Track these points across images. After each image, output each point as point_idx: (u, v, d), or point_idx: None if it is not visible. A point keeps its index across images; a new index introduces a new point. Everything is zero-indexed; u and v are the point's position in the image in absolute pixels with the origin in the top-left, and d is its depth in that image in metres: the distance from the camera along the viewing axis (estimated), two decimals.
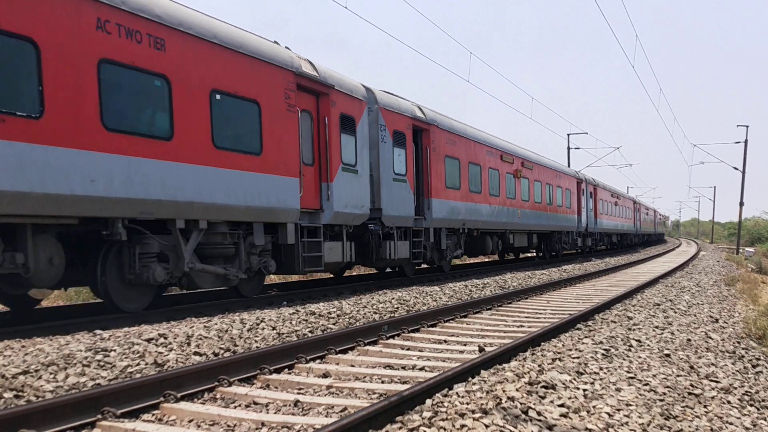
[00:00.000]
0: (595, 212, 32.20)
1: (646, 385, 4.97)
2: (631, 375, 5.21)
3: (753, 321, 8.83)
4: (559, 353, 5.82)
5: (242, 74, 9.37)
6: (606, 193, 35.46)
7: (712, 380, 5.50)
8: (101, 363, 5.29)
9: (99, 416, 4.08)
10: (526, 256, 28.01)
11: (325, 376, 5.44)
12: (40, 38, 6.81)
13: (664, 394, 4.80)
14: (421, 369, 5.70)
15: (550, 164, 25.07)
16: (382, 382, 5.23)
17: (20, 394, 4.54)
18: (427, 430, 3.57)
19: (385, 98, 13.37)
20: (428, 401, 4.15)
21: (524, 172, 21.39)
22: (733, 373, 5.93)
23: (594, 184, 32.39)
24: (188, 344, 6.16)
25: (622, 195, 42.39)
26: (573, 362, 5.39)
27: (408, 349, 6.61)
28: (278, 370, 5.51)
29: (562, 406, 4.16)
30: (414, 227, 14.43)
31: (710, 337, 7.54)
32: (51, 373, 4.94)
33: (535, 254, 26.47)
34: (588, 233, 30.88)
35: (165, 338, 6.25)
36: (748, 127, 41.84)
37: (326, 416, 4.25)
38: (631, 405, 4.40)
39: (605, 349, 6.03)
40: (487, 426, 3.60)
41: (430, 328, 7.91)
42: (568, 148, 42.87)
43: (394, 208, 13.43)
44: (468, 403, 4.01)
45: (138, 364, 5.42)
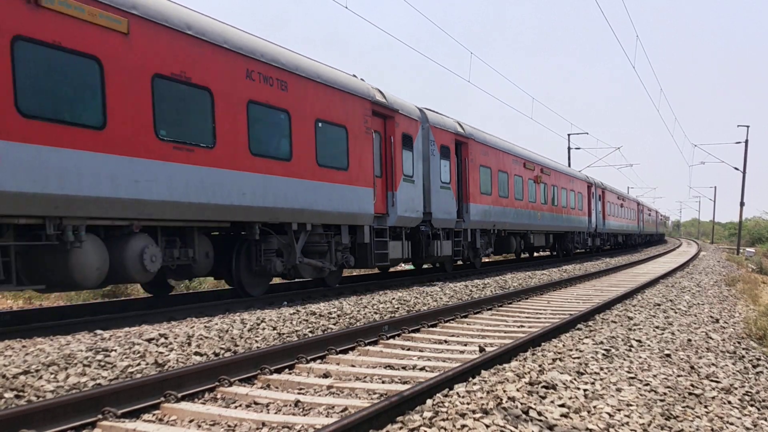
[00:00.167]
0: (603, 214, 33.90)
1: (646, 385, 4.97)
2: (632, 375, 5.21)
3: (753, 321, 8.82)
4: (559, 353, 5.82)
5: (335, 105, 11.48)
6: (613, 195, 37.27)
7: (712, 380, 5.50)
8: (102, 363, 5.30)
9: (100, 416, 4.09)
10: (539, 254, 29.29)
11: (326, 376, 5.44)
12: (214, 88, 8.94)
13: (665, 394, 4.80)
14: (422, 369, 5.70)
15: (564, 170, 27.18)
16: (383, 382, 5.23)
17: (21, 394, 4.54)
18: (428, 430, 3.57)
19: (433, 117, 15.40)
20: (429, 401, 4.14)
21: (543, 177, 23.36)
22: (733, 373, 5.93)
23: (602, 187, 34.19)
24: (189, 344, 6.16)
25: (627, 197, 44.07)
26: (573, 362, 5.39)
27: (408, 349, 6.61)
28: (279, 370, 5.51)
29: (562, 406, 4.16)
30: (455, 228, 16.27)
31: (711, 338, 7.54)
32: (52, 373, 4.95)
33: (549, 253, 28.12)
34: (597, 233, 32.51)
35: (166, 338, 6.25)
36: (748, 127, 41.87)
37: (327, 416, 4.25)
38: (631, 405, 4.40)
39: (606, 350, 6.03)
40: (487, 426, 3.60)
41: (431, 328, 7.91)
42: (569, 148, 42.89)
43: (441, 212, 15.35)
44: (469, 403, 4.01)
45: (139, 364, 5.42)
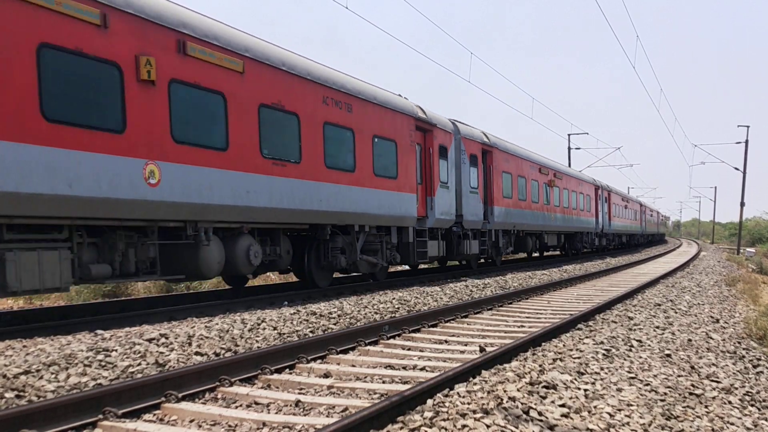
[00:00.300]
0: (609, 215, 35.64)
1: (647, 385, 4.97)
2: (632, 375, 5.21)
3: (754, 321, 8.82)
4: (560, 353, 5.82)
5: (387, 122, 13.26)
6: (618, 197, 39.27)
7: (713, 380, 5.50)
8: (102, 363, 5.30)
9: (100, 416, 4.09)
10: (549, 254, 30.62)
11: (326, 376, 5.44)
12: (301, 113, 10.69)
13: (665, 394, 4.81)
14: (422, 369, 5.70)
15: (574, 174, 29.03)
16: (383, 382, 5.23)
17: (22, 394, 4.55)
18: (429, 430, 3.57)
19: (464, 129, 17.05)
20: (429, 401, 4.15)
21: (556, 181, 25.09)
22: (733, 373, 5.94)
23: (608, 189, 35.99)
24: (189, 344, 6.16)
25: (630, 199, 45.92)
26: (574, 362, 5.40)
27: (409, 349, 6.61)
28: (279, 370, 5.51)
29: (563, 406, 4.16)
30: (481, 229, 18.00)
31: (711, 338, 7.54)
32: (52, 373, 4.95)
33: (558, 252, 29.63)
34: (603, 234, 34.31)
35: (166, 338, 6.25)
36: (748, 127, 41.85)
37: (327, 416, 4.25)
38: (632, 405, 4.40)
39: (606, 350, 6.03)
40: (488, 426, 3.61)
41: (431, 328, 7.91)
42: (569, 148, 42.88)
43: (470, 214, 17.04)
44: (469, 403, 4.01)
45: (139, 364, 5.42)
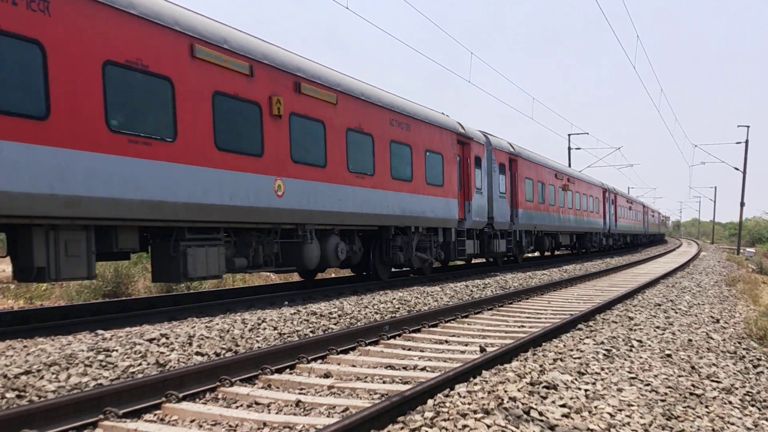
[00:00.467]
0: (615, 216, 37.84)
1: (647, 385, 4.97)
2: (633, 375, 5.21)
3: (754, 321, 8.83)
4: (560, 353, 5.82)
5: (436, 138, 15.38)
6: (623, 199, 41.78)
7: (713, 380, 5.50)
8: (103, 363, 5.30)
9: (101, 416, 4.09)
10: (559, 253, 31.65)
11: (327, 376, 5.44)
12: (374, 134, 12.86)
13: (666, 394, 4.81)
14: (423, 369, 5.70)
15: (584, 178, 31.13)
16: (384, 382, 5.24)
17: (22, 394, 4.55)
18: (429, 430, 3.57)
19: (494, 140, 19.13)
20: (430, 401, 4.15)
21: (569, 186, 27.11)
22: (734, 373, 5.94)
23: (615, 192, 38.30)
24: (190, 344, 6.17)
25: (634, 200, 48.29)
26: (574, 362, 5.40)
27: (409, 350, 6.61)
28: (280, 371, 5.51)
29: (563, 406, 4.16)
30: (508, 230, 19.95)
31: (711, 338, 7.54)
32: (53, 373, 4.95)
33: (569, 251, 31.34)
34: (610, 234, 36.42)
35: (167, 338, 6.25)
36: (749, 127, 41.84)
37: (328, 416, 4.25)
38: (632, 405, 4.40)
39: (606, 350, 6.03)
40: (489, 426, 3.61)
41: (432, 329, 7.91)
42: (569, 149, 42.88)
43: (500, 216, 19.05)
44: (470, 404, 4.01)
45: (140, 364, 5.42)
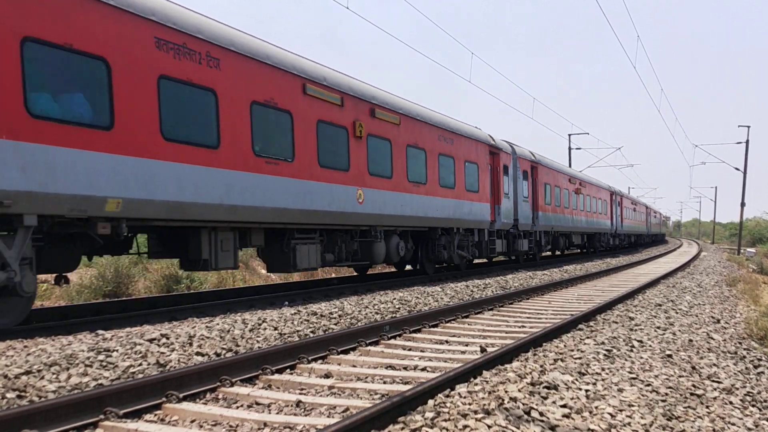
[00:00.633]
0: (621, 218, 40.04)
1: (648, 385, 4.97)
2: (633, 375, 5.21)
3: (754, 321, 8.83)
4: (560, 354, 5.82)
5: (472, 150, 17.40)
6: (628, 201, 44.26)
7: (714, 381, 5.50)
8: (103, 363, 5.30)
9: (101, 416, 4.09)
10: (568, 252, 33.05)
11: (327, 376, 5.44)
12: (427, 148, 14.83)
13: (666, 394, 4.80)
14: (423, 369, 5.70)
15: (594, 181, 33.14)
16: (384, 382, 5.23)
17: (23, 394, 4.55)
18: (430, 430, 3.57)
19: (518, 150, 21.10)
20: (430, 401, 4.14)
21: (581, 189, 29.14)
22: (734, 373, 5.94)
23: (621, 194, 40.68)
24: (190, 344, 6.17)
25: (638, 202, 50.82)
26: (575, 363, 5.39)
27: (410, 350, 6.61)
28: (280, 371, 5.51)
29: (564, 406, 4.16)
30: (530, 230, 21.88)
31: (712, 338, 7.54)
32: (53, 374, 4.95)
33: (577, 251, 33.49)
34: (616, 234, 38.77)
35: (167, 338, 6.25)
36: (749, 127, 41.85)
37: (328, 416, 4.25)
38: (633, 405, 4.40)
39: (607, 350, 6.03)
40: (489, 426, 3.60)
41: (432, 329, 7.91)
42: (569, 149, 42.87)
43: (523, 218, 20.96)
44: (470, 404, 4.01)
45: (140, 364, 5.42)
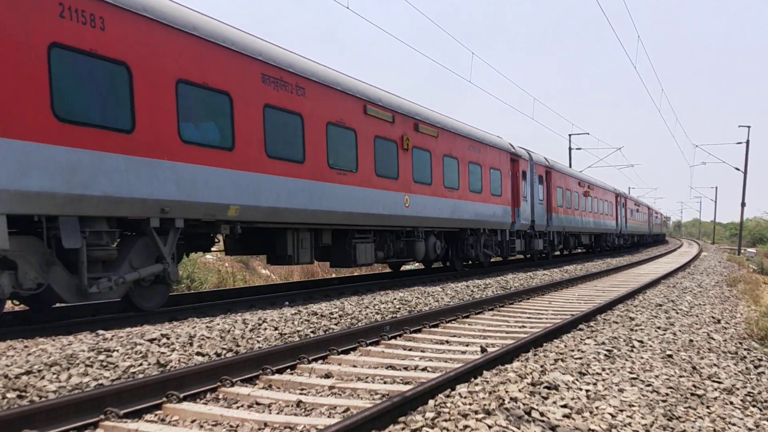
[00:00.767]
0: (625, 219, 41.63)
1: (648, 385, 4.96)
2: (634, 376, 5.21)
3: (755, 322, 8.82)
4: (561, 354, 5.81)
5: (496, 157, 19.08)
6: (632, 203, 46.23)
7: (714, 381, 5.50)
8: (104, 363, 5.30)
9: (102, 416, 4.09)
10: (575, 252, 34.28)
11: (328, 376, 5.44)
12: (459, 157, 16.42)
13: (667, 394, 4.80)
14: (424, 369, 5.69)
15: (601, 184, 34.82)
16: (385, 382, 5.23)
17: (23, 394, 4.55)
18: (430, 430, 3.57)
19: (535, 156, 22.84)
20: (431, 402, 4.14)
21: (589, 192, 30.84)
22: (735, 373, 5.93)
23: (625, 196, 42.47)
24: (191, 344, 6.16)
25: (641, 203, 52.82)
26: (575, 363, 5.39)
27: (410, 350, 6.61)
28: (280, 371, 5.51)
29: (564, 406, 4.16)
30: (544, 231, 23.55)
31: (712, 338, 7.53)
32: (54, 374, 4.95)
33: (583, 250, 34.55)
34: (621, 234, 40.38)
35: (167, 338, 6.25)
36: (749, 127, 41.87)
37: (329, 417, 4.25)
38: (633, 406, 4.39)
39: (607, 350, 6.02)
40: (490, 427, 3.60)
41: (432, 329, 7.90)
42: (570, 149, 42.85)
43: (539, 219, 22.76)
44: (471, 404, 4.01)
45: (140, 364, 5.42)
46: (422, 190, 14.50)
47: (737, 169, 42.34)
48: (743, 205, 43.32)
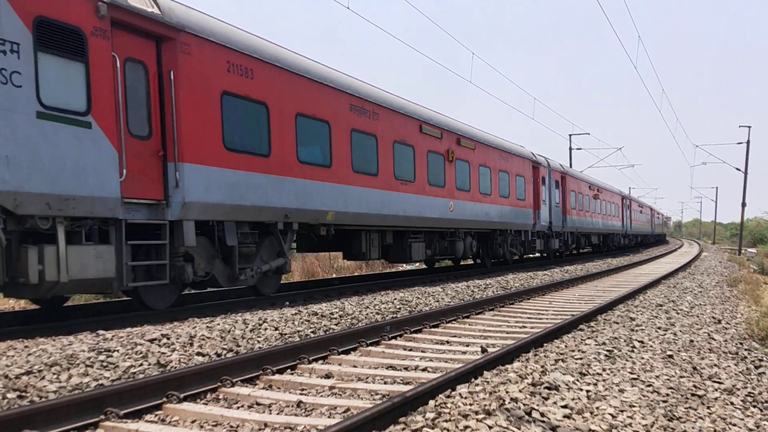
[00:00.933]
0: (630, 220, 43.71)
1: (649, 386, 4.96)
2: (634, 376, 5.20)
3: (756, 322, 8.82)
4: (561, 354, 5.81)
5: (520, 165, 21.18)
6: (636, 204, 48.81)
7: (715, 381, 5.49)
8: (104, 363, 5.30)
9: (102, 417, 4.09)
10: (582, 251, 35.24)
11: (328, 376, 5.44)
12: (491, 166, 18.54)
13: (668, 395, 4.80)
14: (424, 370, 5.69)
15: (609, 188, 36.84)
16: (385, 382, 5.23)
17: (23, 394, 4.55)
18: (431, 430, 3.57)
19: (552, 163, 24.87)
20: (431, 402, 4.14)
21: (599, 195, 32.99)
22: (736, 374, 5.93)
23: (630, 199, 44.92)
24: (191, 345, 6.16)
25: (644, 205, 55.33)
26: (576, 363, 5.39)
27: (410, 350, 6.60)
28: (281, 371, 5.51)
29: (565, 407, 4.16)
30: (560, 232, 25.63)
31: (713, 338, 7.53)
32: (54, 374, 4.95)
33: (590, 250, 36.02)
34: (626, 235, 42.73)
35: (168, 339, 6.25)
36: (750, 127, 41.83)
37: (329, 417, 4.25)
38: (634, 406, 4.39)
39: (608, 350, 6.02)
40: (490, 427, 3.60)
41: (433, 329, 7.90)
42: (570, 149, 42.85)
43: (556, 221, 24.84)
44: (471, 404, 4.01)
45: (141, 364, 5.42)
46: (463, 196, 16.68)
47: (738, 169, 42.35)
48: (744, 205, 43.31)
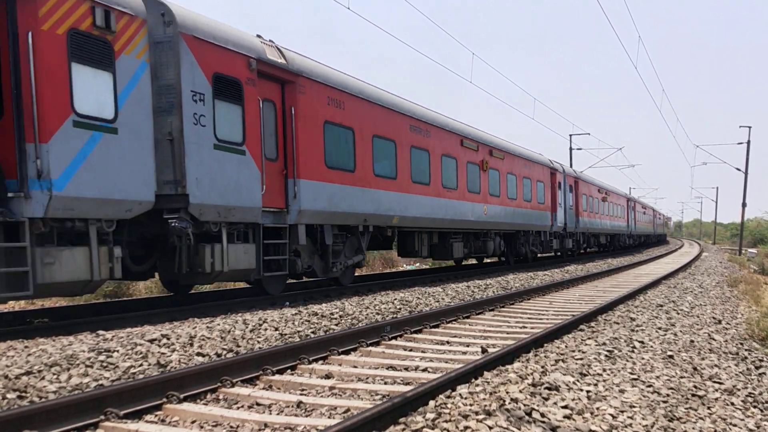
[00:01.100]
0: (635, 221, 45.79)
1: (649, 386, 4.96)
2: (635, 376, 5.20)
3: (756, 322, 8.81)
4: (562, 354, 5.81)
5: (540, 172, 23.28)
6: (640, 206, 51.02)
7: (715, 382, 5.49)
8: (104, 364, 5.30)
9: (102, 417, 4.08)
10: (589, 250, 36.31)
11: (328, 377, 5.44)
12: (516, 173, 20.74)
13: (668, 395, 4.79)
14: (424, 370, 5.69)
15: (615, 190, 38.55)
16: (385, 383, 5.23)
17: (23, 394, 4.55)
18: (431, 431, 3.57)
19: (567, 169, 27.23)
20: (431, 402, 4.14)
21: (607, 198, 34.82)
22: (736, 374, 5.93)
23: (635, 200, 47.21)
24: (191, 345, 6.16)
25: (647, 206, 57.45)
26: (576, 363, 5.39)
27: (410, 350, 6.60)
28: (281, 371, 5.51)
29: (565, 407, 4.15)
30: (573, 232, 27.65)
31: (713, 339, 7.53)
32: (54, 374, 4.95)
33: (596, 250, 37.32)
34: (631, 235, 44.60)
35: (168, 339, 6.25)
36: (750, 128, 41.79)
37: (329, 417, 4.25)
38: (634, 406, 4.39)
39: (608, 351, 6.02)
40: (490, 428, 3.60)
41: (433, 329, 7.90)
42: (570, 149, 42.85)
43: (570, 222, 26.99)
44: (471, 405, 4.01)
45: (141, 364, 5.42)
46: (494, 201, 18.90)
47: (738, 169, 42.33)
48: (744, 205, 43.29)
